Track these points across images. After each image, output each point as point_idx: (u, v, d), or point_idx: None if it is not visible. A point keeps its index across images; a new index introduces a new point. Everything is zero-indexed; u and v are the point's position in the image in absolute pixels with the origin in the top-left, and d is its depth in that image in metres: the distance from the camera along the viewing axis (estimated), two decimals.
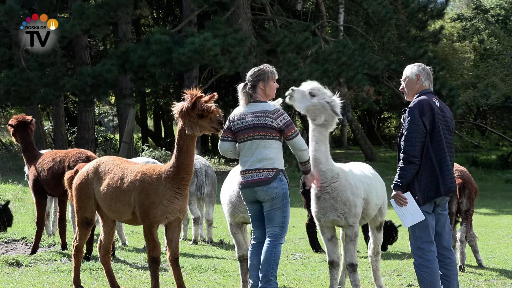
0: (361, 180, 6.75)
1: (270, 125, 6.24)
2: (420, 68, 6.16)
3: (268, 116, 6.25)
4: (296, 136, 6.26)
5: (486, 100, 30.43)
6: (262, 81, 6.35)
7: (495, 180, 25.98)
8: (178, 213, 6.44)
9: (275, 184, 6.21)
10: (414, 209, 5.89)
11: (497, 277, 8.48)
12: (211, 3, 22.54)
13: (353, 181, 6.62)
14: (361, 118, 42.91)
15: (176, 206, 6.38)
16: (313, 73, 22.74)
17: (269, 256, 6.22)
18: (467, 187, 8.83)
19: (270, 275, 6.19)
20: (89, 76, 21.12)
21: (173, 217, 6.44)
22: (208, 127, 6.15)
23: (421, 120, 5.88)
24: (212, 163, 26.49)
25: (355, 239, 6.65)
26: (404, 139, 5.91)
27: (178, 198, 6.36)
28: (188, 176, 6.34)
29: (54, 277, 7.57)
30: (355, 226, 6.62)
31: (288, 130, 6.24)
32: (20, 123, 9.28)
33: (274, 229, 6.26)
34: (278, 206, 6.24)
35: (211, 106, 6.15)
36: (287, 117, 6.27)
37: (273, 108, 6.31)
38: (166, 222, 6.50)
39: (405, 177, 5.90)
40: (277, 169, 6.23)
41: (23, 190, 16.09)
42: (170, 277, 7.84)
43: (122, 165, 6.67)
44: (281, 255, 9.83)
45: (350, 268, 6.70)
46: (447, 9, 32.47)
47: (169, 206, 6.34)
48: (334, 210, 6.53)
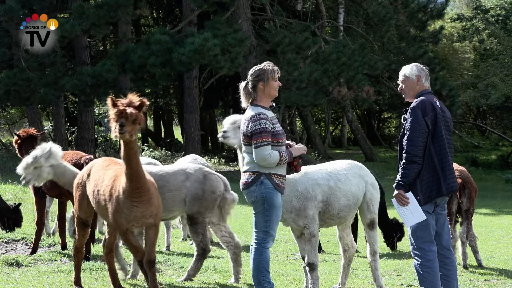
0: (318, 183, 6.86)
1: (244, 132, 6.24)
2: (419, 69, 6.17)
3: (244, 123, 6.26)
4: (256, 148, 6.12)
5: (486, 100, 30.44)
6: (261, 81, 6.31)
7: (495, 180, 25.98)
8: (145, 219, 6.33)
9: (254, 188, 6.17)
10: (416, 209, 5.89)
11: (497, 277, 8.48)
12: (211, 3, 22.55)
13: (303, 186, 6.77)
14: (361, 118, 42.94)
15: (137, 214, 6.26)
16: (313, 73, 22.76)
17: (257, 264, 6.20)
18: (467, 186, 8.84)
19: (263, 281, 6.20)
20: (89, 76, 21.12)
21: (139, 223, 6.36)
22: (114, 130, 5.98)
23: (423, 120, 5.89)
24: (212, 163, 26.49)
25: (310, 239, 6.81)
26: (407, 139, 5.91)
27: (137, 206, 6.23)
28: (136, 185, 6.19)
29: (54, 277, 7.57)
30: (309, 227, 6.78)
31: (254, 138, 6.16)
32: (29, 137, 9.30)
33: (258, 234, 6.23)
34: (259, 210, 6.20)
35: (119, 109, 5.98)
36: (258, 124, 6.13)
37: (252, 114, 6.23)
38: (137, 228, 6.45)
39: (407, 176, 5.90)
40: (258, 173, 6.17)
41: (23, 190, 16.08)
42: (170, 277, 7.85)
43: (108, 167, 6.65)
44: (281, 255, 9.88)
45: (309, 267, 6.88)
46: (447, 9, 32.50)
47: (130, 214, 6.26)
48: (284, 220, 6.76)
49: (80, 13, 20.68)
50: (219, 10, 23.44)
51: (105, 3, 20.86)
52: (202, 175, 7.60)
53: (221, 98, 35.30)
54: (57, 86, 21.83)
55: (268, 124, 6.16)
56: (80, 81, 21.29)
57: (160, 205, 6.53)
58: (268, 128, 6.14)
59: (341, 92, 25.17)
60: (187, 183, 7.53)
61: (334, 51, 23.68)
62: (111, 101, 5.97)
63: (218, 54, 20.52)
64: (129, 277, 7.77)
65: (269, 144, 6.12)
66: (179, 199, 7.50)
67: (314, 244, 6.83)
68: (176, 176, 7.55)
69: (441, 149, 5.94)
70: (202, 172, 7.64)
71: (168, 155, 25.96)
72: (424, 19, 26.70)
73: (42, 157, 7.48)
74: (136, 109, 5.98)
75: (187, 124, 26.07)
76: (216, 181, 7.67)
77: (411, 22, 26.60)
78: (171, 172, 7.58)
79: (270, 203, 6.16)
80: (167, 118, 40.24)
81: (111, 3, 20.74)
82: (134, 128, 5.98)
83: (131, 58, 20.87)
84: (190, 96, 25.91)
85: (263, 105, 6.30)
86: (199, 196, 7.52)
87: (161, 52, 20.66)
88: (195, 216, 7.53)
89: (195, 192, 7.51)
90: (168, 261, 8.63)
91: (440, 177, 5.91)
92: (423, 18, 26.68)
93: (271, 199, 6.17)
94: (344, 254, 7.49)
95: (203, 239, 7.60)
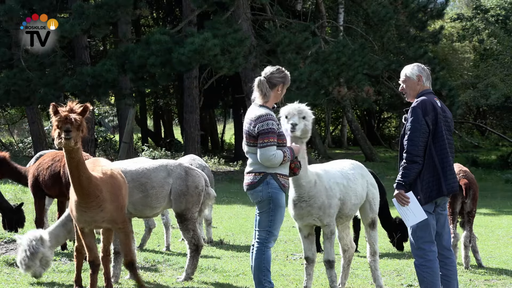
0: (336, 182, 6.92)
1: (250, 132, 6.23)
2: (420, 69, 6.17)
3: (250, 123, 6.25)
4: (262, 148, 6.13)
5: (486, 100, 30.43)
6: (283, 84, 6.33)
7: (495, 180, 25.98)
8: (96, 223, 6.33)
9: (260, 188, 6.20)
10: (417, 209, 5.89)
11: (497, 277, 8.48)
12: (211, 3, 22.54)
13: (328, 184, 6.81)
14: (361, 118, 42.93)
15: (86, 218, 6.28)
16: (313, 73, 22.75)
17: (259, 263, 6.23)
18: (472, 187, 8.86)
19: (263, 281, 6.23)
20: (89, 76, 21.11)
21: (91, 226, 6.38)
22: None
23: (424, 120, 5.89)
24: (212, 163, 26.49)
25: (331, 237, 6.87)
26: (407, 138, 5.90)
27: (84, 211, 6.24)
28: (80, 192, 6.11)
29: (54, 277, 7.56)
30: (330, 225, 6.84)
31: (260, 138, 6.16)
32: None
33: (261, 233, 6.26)
34: (264, 210, 6.23)
35: (58, 116, 5.89)
36: (266, 125, 6.15)
37: (259, 114, 6.23)
38: (89, 230, 6.47)
39: (408, 176, 5.90)
40: (264, 173, 6.20)
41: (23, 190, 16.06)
42: (170, 277, 7.85)
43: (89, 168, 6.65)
44: (281, 255, 9.88)
45: (327, 264, 6.96)
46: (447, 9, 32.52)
47: (80, 217, 6.30)
48: (310, 215, 6.76)
49: (80, 13, 20.67)
50: (219, 10, 23.43)
51: (105, 3, 20.85)
52: (183, 171, 7.63)
53: (221, 98, 35.29)
54: (57, 86, 21.82)
55: (275, 125, 6.21)
56: (80, 81, 21.28)
57: (119, 207, 6.44)
58: (275, 129, 6.19)
59: (341, 92, 25.17)
60: (169, 179, 7.55)
61: (334, 51, 23.67)
62: (53, 108, 5.87)
63: (218, 54, 20.52)
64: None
65: (274, 144, 6.15)
66: (162, 195, 7.52)
67: (333, 242, 6.93)
68: (157, 172, 7.54)
69: (441, 149, 5.94)
70: (183, 168, 7.67)
71: (168, 155, 25.95)
72: (424, 19, 26.69)
73: (39, 247, 7.23)
74: (79, 115, 5.90)
75: (187, 124, 26.07)
76: (198, 177, 7.70)
77: (411, 22, 26.59)
78: (151, 169, 7.56)
79: (276, 203, 6.21)
80: (167, 118, 40.23)
81: (111, 3, 20.73)
82: (79, 134, 5.89)
83: (131, 58, 20.87)
84: (190, 96, 25.91)
85: (269, 105, 6.33)
86: (184, 192, 7.54)
87: (161, 52, 20.66)
88: (184, 213, 7.57)
89: (180, 189, 7.54)
90: (168, 261, 8.62)
91: (440, 177, 5.92)
92: (423, 18, 26.67)
93: (277, 199, 6.22)
94: (344, 254, 7.52)
95: (194, 235, 7.64)
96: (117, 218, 6.40)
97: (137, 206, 7.48)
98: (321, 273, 8.34)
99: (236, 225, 13.11)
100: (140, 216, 7.73)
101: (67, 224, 7.45)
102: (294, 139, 6.43)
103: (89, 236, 6.48)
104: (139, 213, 7.60)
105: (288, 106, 6.49)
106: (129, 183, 7.30)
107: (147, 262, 8.55)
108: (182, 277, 7.68)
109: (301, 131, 6.41)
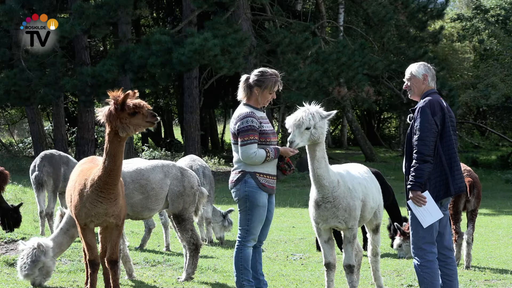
0: (359, 182, 6.73)
1: (232, 131, 6.31)
2: (426, 68, 6.15)
3: (233, 121, 6.31)
4: (242, 146, 6.18)
5: (486, 101, 30.43)
6: (259, 87, 6.34)
7: (495, 180, 25.98)
8: (106, 217, 6.28)
9: (239, 186, 6.27)
10: (433, 208, 5.87)
11: (497, 277, 8.48)
12: (211, 3, 22.53)
13: (351, 185, 6.59)
14: (361, 118, 42.93)
15: (100, 210, 6.21)
16: (313, 73, 22.76)
17: (236, 262, 6.31)
18: (476, 186, 8.87)
19: (242, 280, 6.26)
20: (89, 76, 21.12)
21: (100, 220, 6.30)
22: (142, 123, 5.91)
23: (433, 120, 5.89)
24: (212, 164, 26.49)
25: (353, 241, 6.64)
26: (418, 138, 5.87)
27: (101, 202, 6.17)
28: (112, 181, 6.09)
29: (54, 277, 7.56)
30: (354, 229, 6.61)
31: (240, 136, 6.21)
32: None
33: (240, 231, 6.35)
34: (242, 208, 6.31)
35: (140, 101, 5.93)
36: (245, 122, 6.18)
37: (240, 112, 6.29)
38: (95, 225, 6.39)
39: (422, 176, 5.85)
40: (243, 172, 6.25)
41: (23, 191, 16.09)
42: (170, 277, 7.84)
43: (85, 165, 6.62)
44: (281, 255, 9.88)
45: (347, 269, 6.69)
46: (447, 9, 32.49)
47: (92, 209, 6.20)
48: (335, 217, 6.49)
49: (80, 13, 20.68)
50: (219, 10, 23.43)
51: (105, 3, 20.86)
52: (179, 172, 7.62)
53: (221, 98, 35.26)
54: (57, 86, 21.83)
55: (256, 122, 6.21)
56: (80, 81, 21.30)
57: (123, 206, 6.44)
58: (255, 126, 6.19)
59: (341, 92, 25.18)
60: (166, 180, 7.52)
61: (334, 51, 23.69)
62: (123, 98, 5.84)
63: (218, 54, 20.52)
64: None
65: (255, 142, 6.17)
66: (161, 197, 7.49)
67: (354, 246, 6.71)
68: (155, 174, 7.50)
69: (449, 149, 5.94)
70: (178, 169, 7.65)
71: (168, 155, 25.95)
72: (424, 19, 26.69)
73: (41, 256, 7.17)
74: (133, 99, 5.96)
75: (187, 124, 26.07)
76: (192, 177, 7.71)
77: (411, 22, 26.59)
78: (149, 170, 7.50)
79: (252, 202, 6.24)
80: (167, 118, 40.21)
81: (111, 3, 20.74)
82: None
83: (131, 58, 20.87)
84: (190, 96, 25.91)
85: (253, 104, 6.35)
86: (181, 192, 7.53)
87: (161, 52, 20.67)
88: (181, 213, 7.56)
89: (177, 190, 7.53)
90: (168, 261, 8.62)
91: (448, 177, 5.91)
92: (423, 18, 26.67)
93: (253, 198, 6.24)
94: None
95: (193, 234, 7.65)
96: (121, 214, 6.41)
97: (136, 208, 7.41)
98: (321, 273, 8.34)
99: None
100: (137, 218, 7.64)
101: (69, 230, 7.39)
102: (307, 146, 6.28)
103: (91, 234, 6.45)
104: (136, 215, 7.51)
105: (290, 118, 6.26)
106: (129, 185, 7.26)
107: (147, 262, 8.55)
108: (183, 277, 7.68)
109: (306, 142, 6.18)
